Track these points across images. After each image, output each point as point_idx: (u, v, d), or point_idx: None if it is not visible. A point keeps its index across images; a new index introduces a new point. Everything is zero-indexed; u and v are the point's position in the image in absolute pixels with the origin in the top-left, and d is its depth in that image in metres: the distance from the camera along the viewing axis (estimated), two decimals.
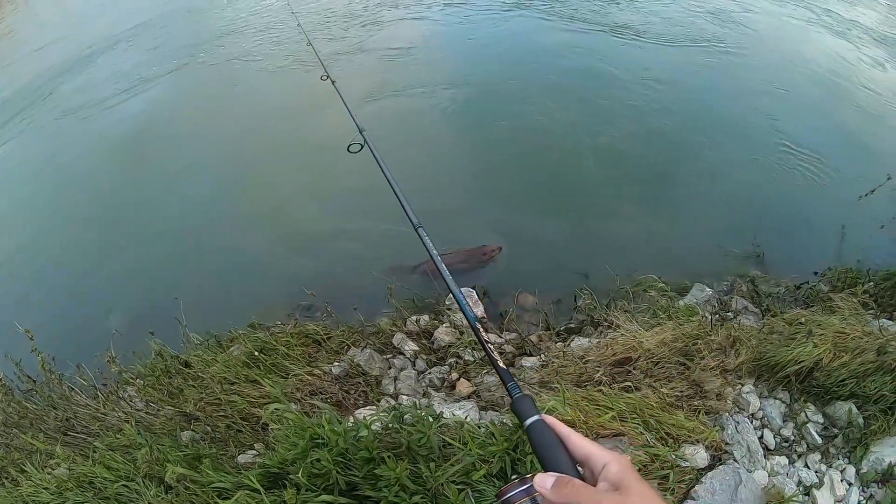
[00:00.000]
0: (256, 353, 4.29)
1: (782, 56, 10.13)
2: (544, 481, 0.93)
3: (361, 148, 2.95)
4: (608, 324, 4.57)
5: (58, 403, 4.28)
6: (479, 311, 5.19)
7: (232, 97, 10.43)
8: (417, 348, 4.74)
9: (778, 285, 5.38)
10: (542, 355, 4.43)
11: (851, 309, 4.42)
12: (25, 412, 4.27)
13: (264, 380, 3.82)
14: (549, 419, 1.05)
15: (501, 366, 1.29)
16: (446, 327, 4.88)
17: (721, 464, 3.20)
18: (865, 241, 6.07)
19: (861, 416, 3.60)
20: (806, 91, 8.96)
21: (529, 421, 1.06)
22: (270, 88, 10.37)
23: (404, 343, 4.75)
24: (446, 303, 5.23)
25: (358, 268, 6.11)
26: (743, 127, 7.97)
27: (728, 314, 4.68)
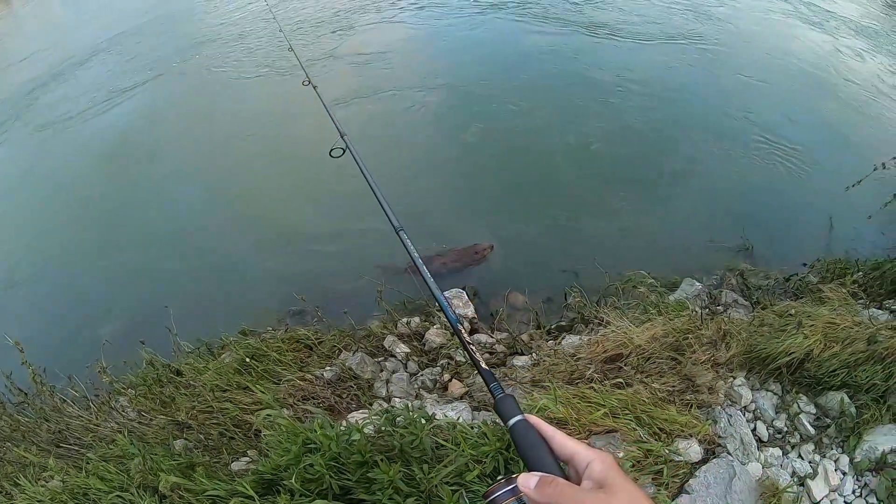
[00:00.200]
0: (248, 360, 4.27)
1: (762, 50, 10.21)
2: (528, 481, 0.93)
3: (343, 152, 2.95)
4: (598, 321, 4.58)
5: (50, 415, 4.26)
6: (470, 312, 5.20)
7: (214, 104, 10.39)
8: (409, 350, 4.74)
9: (767, 278, 5.40)
10: (534, 354, 4.43)
11: (841, 299, 4.43)
12: (18, 425, 4.24)
13: (256, 386, 3.81)
14: (533, 419, 1.05)
15: (484, 366, 1.28)
16: (437, 328, 4.88)
17: (715, 457, 3.21)
18: (853, 232, 6.10)
19: (853, 406, 3.61)
20: (787, 84, 9.03)
21: (512, 421, 1.06)
22: (252, 95, 10.33)
23: (395, 345, 4.75)
24: (436, 304, 5.23)
25: (347, 271, 6.12)
26: (725, 122, 8.02)
27: (718, 308, 4.68)
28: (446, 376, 4.41)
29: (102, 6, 18.98)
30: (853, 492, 3.32)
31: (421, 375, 4.50)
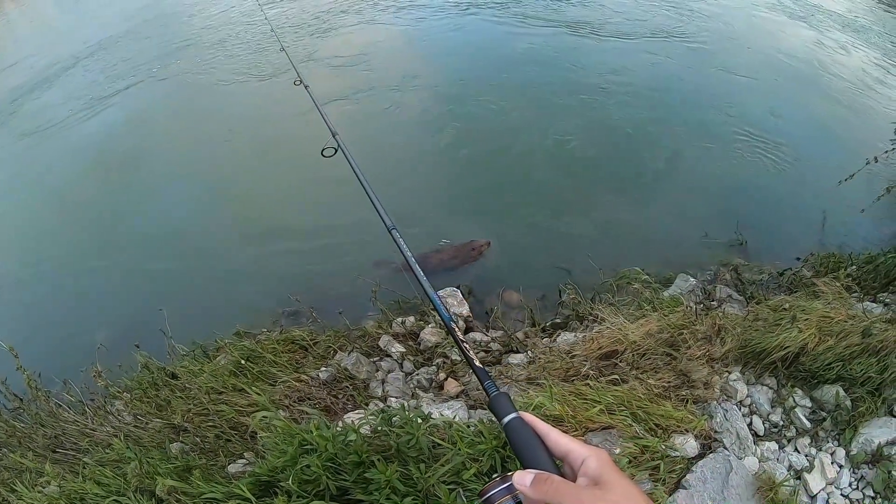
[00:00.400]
0: (243, 362, 4.26)
1: (751, 45, 10.23)
2: (523, 479, 0.93)
3: (335, 152, 2.94)
4: (593, 318, 4.58)
5: (45, 421, 4.24)
6: (465, 310, 5.19)
7: (203, 106, 10.36)
8: (404, 350, 4.73)
9: (761, 272, 5.41)
10: (529, 352, 4.43)
11: (835, 293, 4.45)
12: (13, 431, 4.22)
13: (251, 388, 3.80)
14: (528, 416, 1.05)
15: (477, 364, 1.28)
16: (432, 327, 4.87)
17: (711, 452, 3.22)
18: (847, 226, 6.12)
19: (848, 399, 3.63)
20: (775, 80, 9.10)
21: (507, 419, 1.06)
22: (242, 96, 10.29)
23: (391, 345, 4.74)
24: (430, 303, 5.22)
25: (341, 272, 6.09)
26: (718, 118, 8.05)
27: (712, 303, 4.70)
28: (442, 375, 4.40)
29: (95, 9, 18.91)
30: (850, 484, 3.34)
31: (416, 375, 4.49)
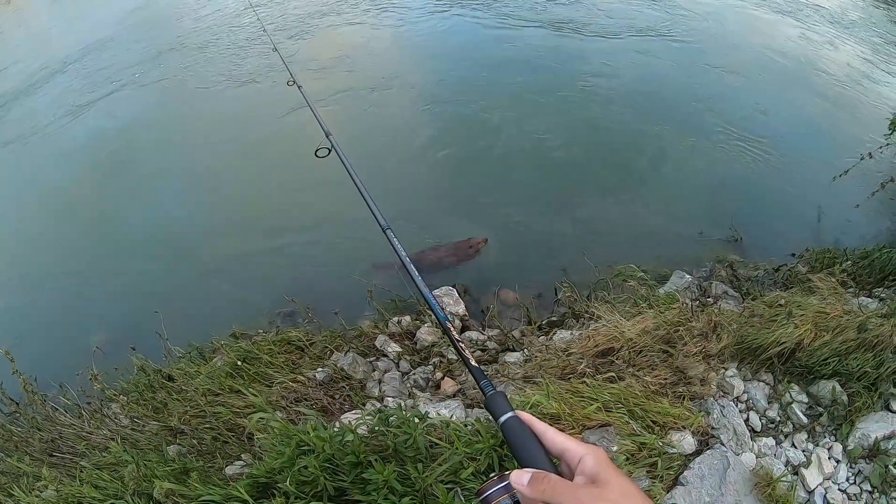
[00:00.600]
0: (239, 363, 4.26)
1: (745, 42, 10.26)
2: (521, 477, 0.93)
3: (329, 152, 2.93)
4: (589, 315, 4.58)
5: (42, 425, 4.23)
6: (461, 309, 5.20)
7: (195, 108, 10.33)
8: (400, 349, 4.73)
9: (757, 269, 5.43)
10: (526, 350, 4.43)
11: (830, 289, 4.46)
12: (10, 435, 4.21)
13: (248, 389, 3.79)
14: (524, 415, 1.05)
15: (473, 363, 1.28)
16: (428, 327, 4.87)
17: (708, 448, 3.23)
18: (841, 222, 6.15)
19: (845, 394, 3.64)
20: (769, 77, 9.14)
21: (504, 418, 1.06)
22: (237, 97, 10.27)
23: (387, 345, 4.74)
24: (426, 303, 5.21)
25: (337, 271, 6.10)
26: (713, 115, 8.05)
27: (708, 300, 4.69)
28: (439, 374, 4.40)
29: (88, 12, 18.87)
30: (847, 479, 3.35)
31: (413, 374, 4.49)
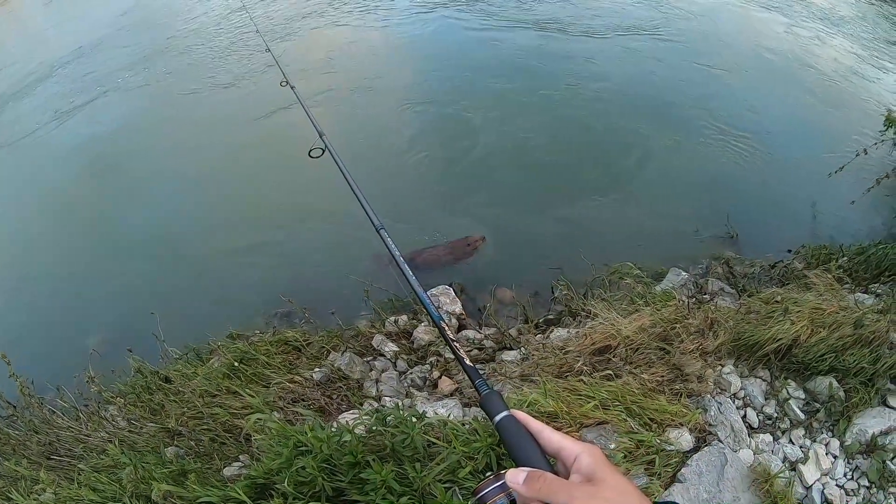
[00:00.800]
0: (236, 364, 4.25)
1: (727, 38, 10.28)
2: (516, 476, 0.93)
3: (323, 153, 2.93)
4: (586, 313, 4.58)
5: (39, 427, 4.23)
6: (458, 308, 5.19)
7: (191, 110, 10.31)
8: (397, 349, 4.73)
9: (753, 265, 5.42)
10: (523, 349, 4.44)
11: (826, 285, 4.46)
12: (7, 439, 4.21)
13: (245, 390, 3.79)
14: (520, 414, 1.05)
15: (468, 363, 1.28)
16: (425, 326, 4.87)
17: (706, 445, 3.23)
18: (837, 218, 6.16)
19: (842, 390, 3.64)
20: (762, 75, 9.10)
21: (499, 417, 1.06)
22: (229, 99, 10.26)
23: (384, 344, 4.74)
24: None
25: (334, 272, 6.10)
26: (708, 114, 8.02)
27: (705, 297, 4.70)
28: (436, 374, 4.40)
29: (82, 14, 18.85)
30: (844, 475, 3.35)
31: (410, 374, 4.50)
